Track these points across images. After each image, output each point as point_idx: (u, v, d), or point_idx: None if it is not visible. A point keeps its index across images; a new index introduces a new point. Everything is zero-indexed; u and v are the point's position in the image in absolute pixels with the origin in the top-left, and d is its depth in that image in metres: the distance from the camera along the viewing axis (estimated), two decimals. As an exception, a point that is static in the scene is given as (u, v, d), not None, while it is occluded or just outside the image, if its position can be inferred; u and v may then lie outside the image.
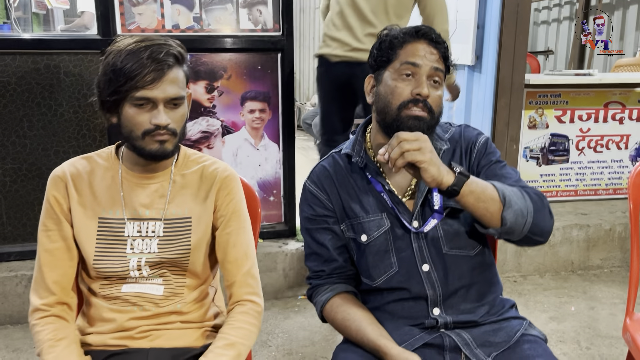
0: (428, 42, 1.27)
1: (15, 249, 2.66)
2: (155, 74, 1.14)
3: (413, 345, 1.24)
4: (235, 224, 1.30)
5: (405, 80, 1.25)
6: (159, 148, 1.19)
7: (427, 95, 1.24)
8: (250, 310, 1.27)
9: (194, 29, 2.65)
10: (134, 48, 1.15)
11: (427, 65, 1.25)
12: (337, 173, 1.36)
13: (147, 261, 1.26)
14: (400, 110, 1.25)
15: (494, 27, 3.15)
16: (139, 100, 1.15)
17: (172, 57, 1.17)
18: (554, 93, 3.42)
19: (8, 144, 2.58)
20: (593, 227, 3.16)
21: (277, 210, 2.96)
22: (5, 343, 2.41)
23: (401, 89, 1.25)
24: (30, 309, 1.25)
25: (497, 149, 1.38)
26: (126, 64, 1.13)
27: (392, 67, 1.28)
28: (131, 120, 1.17)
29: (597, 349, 2.37)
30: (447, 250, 1.29)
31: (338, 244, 1.35)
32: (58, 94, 2.59)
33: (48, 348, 1.19)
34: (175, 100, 1.18)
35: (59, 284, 1.25)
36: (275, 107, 2.83)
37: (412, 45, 1.27)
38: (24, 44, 2.55)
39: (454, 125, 1.41)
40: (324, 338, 2.45)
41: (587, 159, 3.56)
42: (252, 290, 1.29)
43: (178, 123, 1.21)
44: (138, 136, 1.18)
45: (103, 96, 1.18)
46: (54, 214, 1.25)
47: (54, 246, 1.24)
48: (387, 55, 1.28)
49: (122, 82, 1.13)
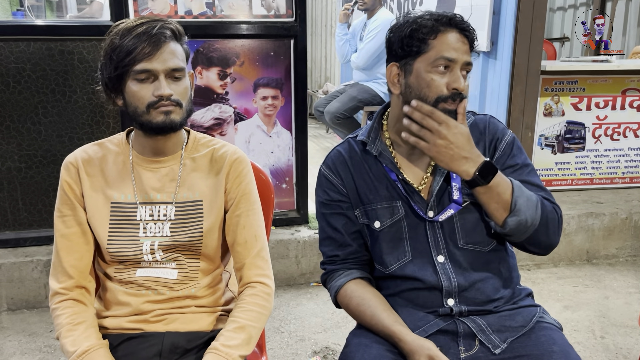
0: (460, 31, 1.23)
1: (31, 234, 2.69)
2: (153, 45, 1.16)
3: (427, 332, 1.23)
4: (244, 206, 1.30)
5: (441, 73, 1.21)
6: (165, 119, 1.19)
7: (463, 90, 1.22)
8: (260, 292, 1.27)
9: (207, 14, 2.64)
10: (131, 26, 1.18)
11: (462, 58, 1.21)
12: (352, 158, 1.35)
13: (160, 245, 1.26)
14: (437, 104, 1.21)
15: (510, 13, 3.09)
16: (140, 74, 1.17)
17: (169, 31, 1.20)
18: (571, 80, 3.37)
19: (23, 130, 2.60)
20: (609, 215, 3.12)
21: (289, 198, 2.96)
22: (21, 327, 2.45)
23: (438, 82, 1.21)
24: (50, 293, 1.27)
25: (522, 148, 1.35)
26: (124, 41, 1.16)
27: (425, 58, 1.21)
28: (135, 96, 1.19)
29: (612, 338, 2.35)
30: (463, 244, 1.28)
31: (352, 229, 1.35)
32: (72, 81, 2.60)
33: (66, 332, 1.20)
34: (176, 72, 1.20)
35: (76, 268, 1.26)
36: (287, 93, 2.81)
37: (447, 35, 1.21)
38: (38, 30, 2.56)
39: (477, 114, 1.38)
40: (336, 325, 2.46)
41: (604, 147, 3.51)
42: (262, 272, 1.29)
43: (182, 95, 1.21)
44: (143, 111, 1.19)
45: (106, 76, 1.20)
46: (68, 200, 1.26)
47: (70, 231, 1.26)
48: (418, 45, 1.22)
49: (122, 57, 1.16)
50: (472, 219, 1.29)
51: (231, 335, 1.20)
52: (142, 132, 1.25)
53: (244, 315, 1.23)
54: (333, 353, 2.26)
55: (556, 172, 3.49)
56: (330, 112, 4.36)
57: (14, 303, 2.58)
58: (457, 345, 1.23)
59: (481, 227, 1.29)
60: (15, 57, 2.53)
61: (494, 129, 1.34)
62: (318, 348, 2.30)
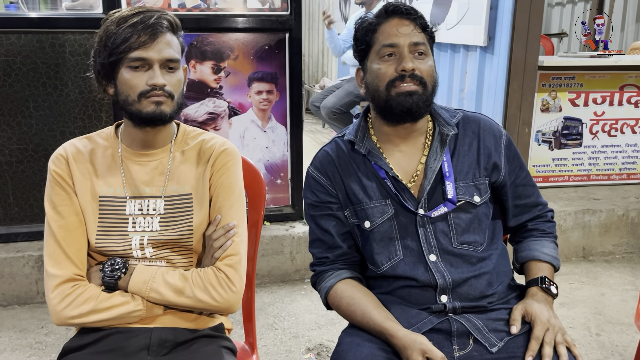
0: (399, 17, 1.25)
1: (22, 229, 2.66)
2: (149, 35, 1.16)
3: (420, 329, 1.22)
4: (223, 200, 1.27)
5: (388, 60, 1.24)
6: (156, 109, 1.18)
7: (411, 69, 1.22)
8: (222, 282, 1.21)
9: (201, 8, 2.60)
10: (128, 15, 1.17)
11: (405, 40, 1.23)
12: (340, 158, 1.34)
13: (150, 240, 1.24)
14: (389, 90, 1.24)
15: (507, 8, 3.06)
16: (135, 62, 1.16)
17: (166, 22, 1.19)
18: (568, 75, 3.35)
19: (14, 124, 2.57)
20: (605, 212, 3.10)
21: (284, 193, 2.93)
22: (12, 323, 2.42)
23: (385, 69, 1.24)
24: (55, 282, 1.20)
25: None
26: (120, 29, 1.15)
27: (372, 53, 1.27)
28: (127, 84, 1.17)
29: (608, 336, 2.34)
30: (457, 244, 1.27)
31: (342, 230, 1.33)
32: (64, 74, 2.56)
33: (105, 300, 1.20)
34: (171, 63, 1.19)
35: (78, 258, 1.23)
36: (282, 88, 2.78)
37: (385, 25, 1.25)
38: (29, 22, 2.52)
39: (465, 111, 1.38)
40: (330, 322, 2.44)
41: (601, 143, 3.49)
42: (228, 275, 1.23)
43: (175, 87, 1.20)
44: (134, 100, 1.18)
45: (99, 63, 1.19)
46: (61, 191, 1.24)
47: (68, 221, 1.23)
48: (365, 43, 1.27)
49: (118, 44, 1.15)
50: (466, 218, 1.28)
51: (173, 274, 1.21)
52: (132, 122, 1.23)
53: (195, 278, 1.21)
54: (327, 350, 2.24)
55: (553, 168, 3.47)
56: (327, 107, 4.33)
57: (4, 299, 2.56)
58: (450, 344, 1.21)
59: (475, 226, 1.28)
60: (5, 50, 2.49)
61: (490, 128, 1.35)
62: (312, 345, 2.28)
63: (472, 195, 1.28)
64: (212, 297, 1.20)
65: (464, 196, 1.27)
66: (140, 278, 1.20)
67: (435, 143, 1.30)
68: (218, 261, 1.24)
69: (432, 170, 1.28)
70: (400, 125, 1.29)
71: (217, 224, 1.26)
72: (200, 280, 1.21)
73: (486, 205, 1.31)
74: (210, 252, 1.25)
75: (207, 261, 1.26)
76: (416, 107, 1.24)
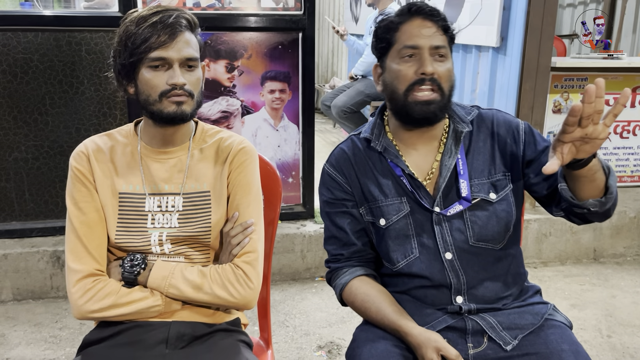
0: (423, 17, 1.24)
1: (37, 225, 2.70)
2: (169, 34, 1.17)
3: (435, 328, 1.22)
4: (241, 198, 1.28)
5: (408, 61, 1.23)
6: (177, 110, 1.19)
7: (432, 73, 1.21)
8: (240, 278, 1.23)
9: (215, 7, 2.62)
10: (147, 15, 1.18)
11: (427, 42, 1.22)
12: (355, 156, 1.34)
13: (169, 236, 1.26)
14: (408, 94, 1.23)
15: (520, 8, 3.06)
16: (155, 61, 1.17)
17: (185, 20, 1.20)
18: (581, 77, 3.34)
19: (30, 121, 2.60)
20: (617, 214, 3.09)
21: (295, 192, 2.95)
22: (27, 317, 2.45)
23: (405, 71, 1.23)
24: (76, 277, 1.21)
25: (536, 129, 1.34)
26: (140, 29, 1.16)
27: (392, 52, 1.26)
28: (148, 84, 1.19)
29: (619, 338, 2.34)
30: (474, 242, 1.26)
31: (357, 227, 1.34)
32: (79, 72, 2.59)
33: (125, 294, 1.21)
34: (190, 62, 1.20)
35: (99, 253, 1.25)
36: (295, 87, 2.80)
37: (408, 25, 1.24)
38: (46, 20, 2.55)
39: (481, 108, 1.37)
40: (341, 320, 2.45)
41: (613, 145, 3.48)
42: (246, 274, 1.25)
43: (194, 86, 1.21)
44: (155, 99, 1.19)
45: (119, 63, 1.20)
46: (82, 187, 1.25)
47: (89, 217, 1.24)
48: (386, 41, 1.26)
49: (138, 44, 1.16)
50: (483, 216, 1.27)
51: (191, 271, 1.22)
52: (152, 121, 1.25)
53: (214, 274, 1.23)
54: (338, 348, 2.25)
55: (564, 170, 3.45)
56: (337, 106, 4.34)
57: (19, 293, 2.59)
58: (465, 342, 1.22)
59: (493, 224, 1.27)
60: (23, 48, 2.52)
61: (505, 121, 1.33)
62: (323, 343, 2.29)
63: (488, 192, 1.28)
64: (230, 293, 1.22)
65: (479, 194, 1.27)
66: (160, 274, 1.22)
67: (449, 141, 1.30)
68: (236, 258, 1.25)
69: (447, 168, 1.28)
70: (417, 128, 1.30)
71: (235, 222, 1.28)
72: (219, 277, 1.23)
73: (506, 201, 1.29)
74: (228, 249, 1.27)
75: (225, 258, 1.27)
76: (433, 115, 1.24)
